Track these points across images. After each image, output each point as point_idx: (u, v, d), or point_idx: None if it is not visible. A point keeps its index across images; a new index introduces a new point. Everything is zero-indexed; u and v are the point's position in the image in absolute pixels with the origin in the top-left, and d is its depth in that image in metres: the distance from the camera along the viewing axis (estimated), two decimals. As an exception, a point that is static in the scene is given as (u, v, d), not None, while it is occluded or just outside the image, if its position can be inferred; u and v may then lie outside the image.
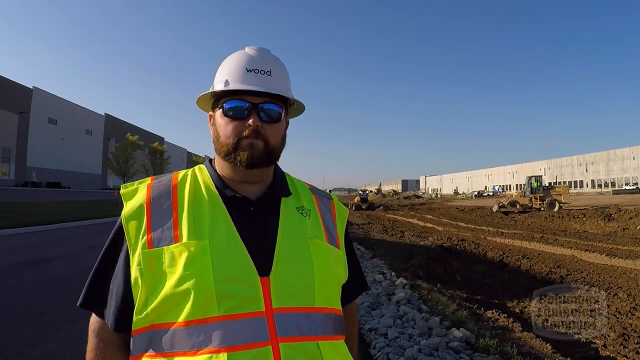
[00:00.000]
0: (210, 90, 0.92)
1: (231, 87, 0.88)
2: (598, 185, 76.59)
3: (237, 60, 0.91)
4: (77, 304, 0.90)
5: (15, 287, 5.85)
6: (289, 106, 0.97)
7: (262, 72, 0.89)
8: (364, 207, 40.90)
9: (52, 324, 4.29)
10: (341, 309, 0.94)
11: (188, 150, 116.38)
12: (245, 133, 0.87)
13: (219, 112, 0.91)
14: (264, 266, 0.81)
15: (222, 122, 0.90)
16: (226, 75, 0.90)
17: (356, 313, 1.15)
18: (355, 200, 43.41)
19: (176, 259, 0.80)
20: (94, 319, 0.90)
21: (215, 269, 0.79)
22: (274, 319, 0.78)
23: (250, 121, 0.87)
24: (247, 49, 0.93)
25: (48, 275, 6.61)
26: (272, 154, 0.90)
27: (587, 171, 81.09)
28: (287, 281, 0.82)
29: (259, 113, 0.88)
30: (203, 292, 0.77)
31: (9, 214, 15.32)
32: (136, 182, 0.95)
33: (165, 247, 0.82)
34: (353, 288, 1.05)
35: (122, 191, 0.93)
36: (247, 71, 0.89)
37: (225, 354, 0.74)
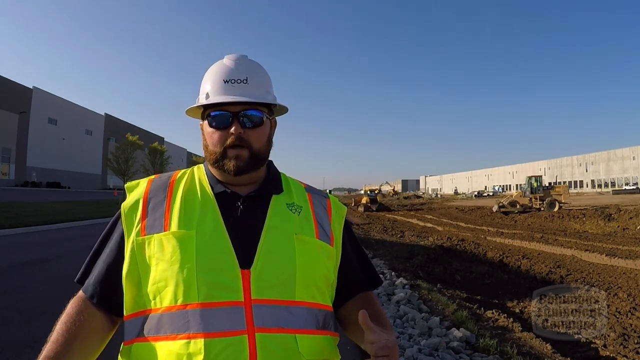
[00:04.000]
0: (197, 103, 0.98)
1: (211, 100, 0.93)
2: (598, 185, 76.57)
3: (216, 72, 0.96)
4: (75, 280, 0.96)
5: (15, 287, 5.86)
6: (272, 107, 1.01)
7: (239, 81, 0.94)
8: (373, 208, 36.70)
9: (52, 324, 4.28)
10: (329, 305, 0.95)
11: (188, 150, 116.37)
12: (229, 141, 0.92)
13: (205, 122, 0.97)
14: (246, 259, 0.85)
15: (209, 132, 0.96)
16: (207, 88, 0.96)
17: (375, 299, 1.07)
18: (363, 200, 38.65)
19: (164, 246, 0.85)
20: (80, 293, 0.95)
21: (198, 258, 0.83)
22: (252, 310, 0.81)
23: (233, 129, 0.91)
24: (225, 59, 0.98)
25: (48, 275, 6.61)
26: (257, 158, 0.95)
27: (587, 171, 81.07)
28: (268, 274, 0.84)
29: (241, 120, 0.93)
30: (185, 279, 0.81)
31: (9, 214, 15.33)
32: (141, 179, 1.02)
33: (155, 235, 0.87)
34: (362, 282, 1.05)
35: (126, 185, 1.00)
36: (225, 82, 0.94)
37: (202, 340, 0.78)
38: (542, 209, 28.24)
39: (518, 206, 29.58)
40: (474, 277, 10.00)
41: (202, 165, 1.03)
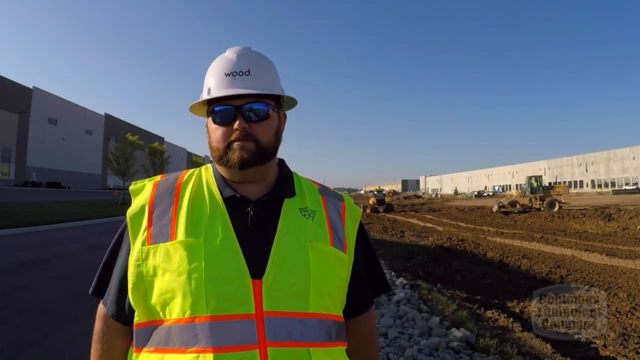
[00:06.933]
0: (200, 99, 0.94)
1: (212, 94, 0.89)
2: (598, 185, 76.53)
3: (218, 66, 0.92)
4: (90, 292, 0.95)
5: (15, 287, 5.85)
6: (281, 100, 0.96)
7: (241, 73, 0.89)
8: (381, 210, 35.05)
9: (52, 324, 4.29)
10: (341, 315, 0.91)
11: (188, 150, 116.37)
12: (234, 136, 0.88)
13: (209, 119, 0.93)
14: (258, 268, 0.81)
15: (212, 128, 0.91)
16: (210, 83, 0.91)
17: (374, 328, 1.08)
18: (371, 202, 36.71)
19: (171, 256, 0.81)
20: (101, 305, 0.94)
21: (207, 268, 0.79)
22: (263, 323, 0.77)
23: (237, 124, 0.87)
24: (227, 52, 0.93)
25: (48, 275, 6.61)
26: (264, 152, 0.90)
27: (587, 171, 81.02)
28: (280, 285, 0.81)
29: (245, 114, 0.88)
30: (193, 290, 0.78)
31: (9, 214, 15.32)
32: (147, 180, 0.97)
33: (161, 244, 0.83)
34: (368, 290, 1.02)
35: (131, 188, 0.95)
36: (227, 75, 0.89)
37: (212, 355, 0.74)
38: (542, 209, 28.20)
39: (518, 206, 29.53)
40: (474, 277, 10.00)
41: (209, 166, 0.98)
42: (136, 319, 0.85)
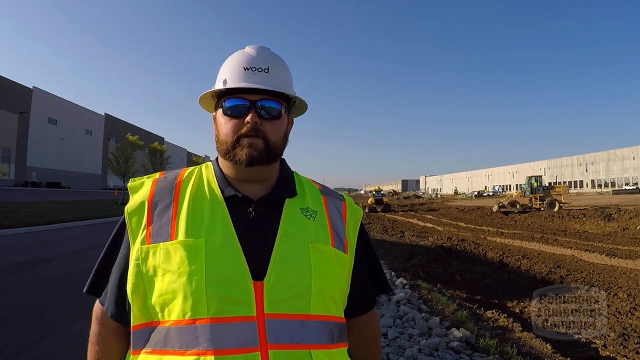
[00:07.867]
0: (213, 89, 0.92)
1: (228, 85, 0.88)
2: (598, 185, 76.53)
3: (236, 59, 0.91)
4: (84, 290, 0.92)
5: (15, 287, 5.85)
6: (291, 105, 0.96)
7: (260, 69, 0.89)
8: (379, 209, 36.51)
9: (52, 324, 4.29)
10: (342, 316, 0.91)
11: (188, 150, 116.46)
12: (244, 130, 0.86)
13: (219, 111, 0.91)
14: (259, 269, 0.80)
15: (222, 121, 0.90)
16: (225, 74, 0.90)
17: (377, 327, 1.08)
18: (369, 201, 38.38)
19: (171, 257, 0.80)
20: (97, 305, 0.92)
21: (207, 270, 0.78)
22: (264, 325, 0.77)
23: (249, 118, 0.86)
24: (247, 48, 0.93)
25: (48, 275, 6.61)
26: (272, 151, 0.89)
27: (587, 171, 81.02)
28: (282, 286, 0.80)
29: (258, 110, 0.87)
30: (194, 292, 0.77)
31: (9, 214, 15.33)
32: (145, 177, 0.95)
33: (161, 244, 0.81)
34: (370, 290, 1.01)
35: (129, 184, 0.93)
36: (245, 69, 0.88)
37: (213, 357, 0.73)
38: (542, 209, 28.18)
39: (518, 206, 29.52)
40: (474, 277, 9.99)
41: (210, 164, 0.97)
42: (133, 321, 0.84)
